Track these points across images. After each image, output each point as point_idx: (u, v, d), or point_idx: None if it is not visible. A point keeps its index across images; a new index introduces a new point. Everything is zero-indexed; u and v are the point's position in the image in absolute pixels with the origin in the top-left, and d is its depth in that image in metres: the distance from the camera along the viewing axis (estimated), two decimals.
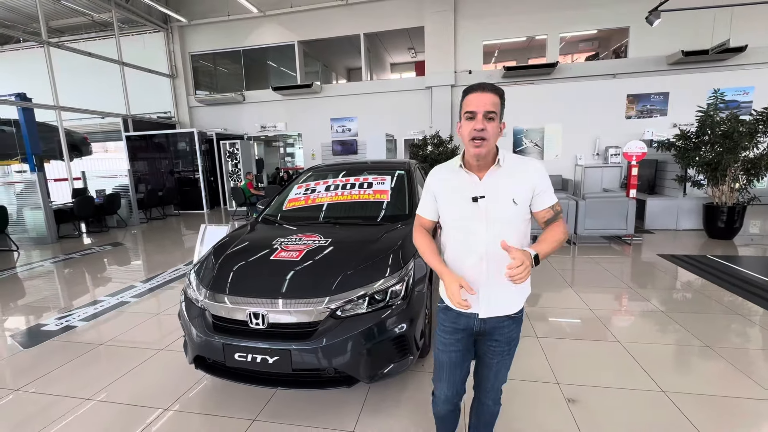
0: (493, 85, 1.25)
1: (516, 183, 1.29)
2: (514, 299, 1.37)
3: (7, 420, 2.15)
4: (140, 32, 12.78)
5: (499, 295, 1.34)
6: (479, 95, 1.22)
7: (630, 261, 4.91)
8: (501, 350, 1.41)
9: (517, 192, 1.28)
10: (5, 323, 3.55)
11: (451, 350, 1.42)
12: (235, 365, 1.95)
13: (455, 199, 1.34)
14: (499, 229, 1.28)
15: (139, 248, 6.83)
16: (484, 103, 1.21)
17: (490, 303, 1.34)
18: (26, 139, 9.01)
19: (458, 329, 1.40)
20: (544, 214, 1.32)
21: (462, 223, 1.33)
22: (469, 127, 1.22)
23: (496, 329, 1.38)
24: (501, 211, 1.28)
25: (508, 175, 1.30)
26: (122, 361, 2.71)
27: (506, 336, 1.39)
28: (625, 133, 9.03)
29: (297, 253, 2.24)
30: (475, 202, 1.29)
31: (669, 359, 2.54)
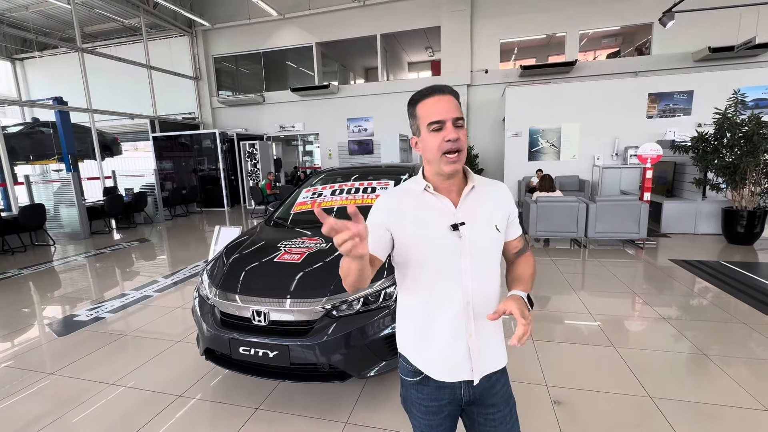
0: (448, 86, 1.02)
1: (493, 206, 1.08)
2: (502, 347, 1.12)
3: (43, 400, 2.42)
4: (167, 36, 13.34)
5: (487, 347, 1.06)
6: (439, 99, 0.99)
7: (639, 265, 4.86)
8: (502, 415, 1.10)
9: (497, 217, 1.08)
10: (43, 313, 3.90)
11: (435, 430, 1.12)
12: (240, 358, 2.14)
13: (425, 230, 1.03)
14: (484, 263, 1.04)
15: (163, 244, 7.23)
16: (449, 109, 0.98)
17: (481, 360, 1.05)
18: (62, 140, 9.64)
19: (442, 406, 1.09)
20: (516, 244, 1.15)
21: (436, 259, 1.02)
22: (439, 140, 0.97)
23: (487, 391, 1.09)
24: (486, 240, 1.04)
25: (484, 198, 1.08)
26: (143, 351, 2.97)
27: (502, 395, 1.11)
28: (645, 133, 8.80)
29: (299, 255, 2.41)
30: (455, 230, 1.01)
31: (662, 366, 2.57)
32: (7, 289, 4.67)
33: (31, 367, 2.80)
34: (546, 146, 9.63)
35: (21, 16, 12.76)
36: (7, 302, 4.25)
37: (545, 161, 9.63)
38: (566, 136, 9.46)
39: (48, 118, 10.42)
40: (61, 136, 9.70)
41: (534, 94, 9.57)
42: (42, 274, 5.31)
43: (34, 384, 2.59)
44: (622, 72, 10.11)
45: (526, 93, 9.63)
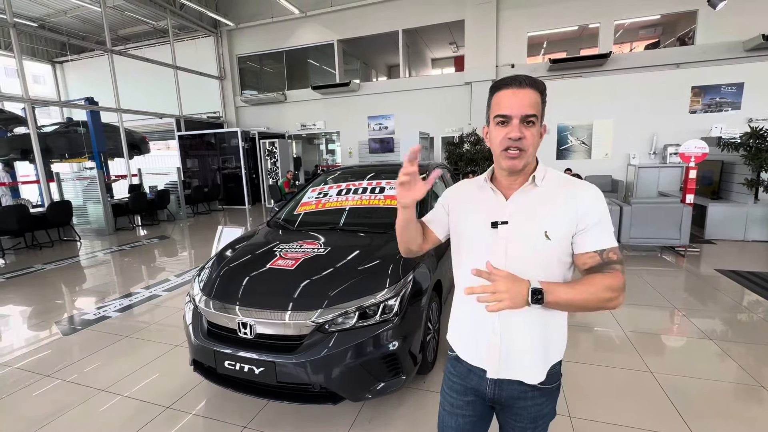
0: (532, 78, 0.95)
1: (554, 211, 0.96)
2: (535, 362, 1.01)
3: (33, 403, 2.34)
4: (193, 37, 13.61)
5: (513, 352, 1.01)
6: (514, 92, 0.93)
7: (680, 275, 4.38)
8: (522, 427, 1.07)
9: (554, 223, 0.95)
10: (53, 310, 3.91)
11: (459, 413, 1.11)
12: (225, 372, 1.97)
13: (471, 221, 1.05)
14: (521, 268, 0.93)
15: (181, 242, 7.28)
16: (521, 104, 0.92)
17: (502, 361, 1.01)
18: (93, 139, 9.98)
19: (468, 389, 1.09)
20: (585, 260, 0.95)
21: (474, 252, 1.04)
22: (502, 135, 0.94)
23: (515, 400, 1.04)
24: (526, 245, 0.97)
25: (546, 199, 0.98)
26: (139, 355, 2.87)
27: (530, 412, 1.05)
28: (688, 129, 8.12)
29: (293, 261, 2.22)
30: (494, 228, 0.99)
31: (707, 396, 2.20)
32: (27, 284, 4.77)
33: (29, 368, 2.76)
34: (575, 144, 9.08)
35: (60, 21, 13.37)
36: (23, 298, 4.33)
37: (574, 160, 9.09)
38: (598, 133, 8.88)
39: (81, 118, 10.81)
40: (92, 134, 10.05)
41: (563, 89, 9.03)
42: (62, 270, 5.41)
43: (29, 385, 2.53)
44: (662, 64, 9.37)
45: (555, 88, 9.09)
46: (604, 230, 0.95)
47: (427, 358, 2.34)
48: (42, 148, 8.97)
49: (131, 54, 11.10)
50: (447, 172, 4.44)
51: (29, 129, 8.17)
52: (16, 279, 5.01)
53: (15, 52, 7.71)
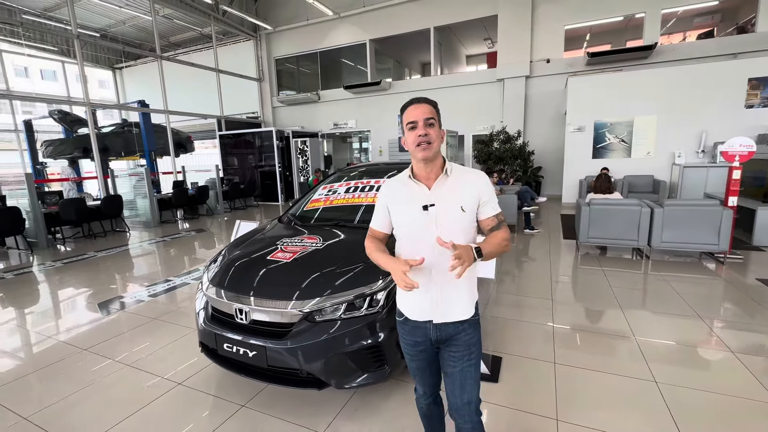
0: (425, 97, 1.37)
1: (463, 191, 1.37)
2: (464, 304, 1.41)
3: (71, 372, 2.67)
4: (235, 42, 14.36)
5: (450, 300, 1.39)
6: (416, 107, 1.34)
7: (716, 284, 4.07)
8: (461, 355, 1.41)
9: (465, 200, 1.36)
10: (99, 293, 4.36)
11: (415, 359, 1.50)
12: (225, 354, 2.14)
13: (406, 209, 1.40)
14: (448, 235, 1.31)
15: (217, 235, 7.77)
16: (423, 112, 1.32)
17: (441, 308, 1.39)
18: (144, 138, 10.84)
19: (417, 341, 1.46)
20: (489, 222, 1.39)
21: (412, 230, 1.39)
22: (414, 135, 1.32)
23: (453, 337, 1.42)
24: (450, 219, 1.35)
25: (456, 185, 1.37)
26: (163, 336, 3.16)
27: (464, 341, 1.42)
28: (742, 125, 7.46)
29: (291, 254, 2.36)
30: (425, 210, 1.35)
31: (716, 414, 2.07)
32: (80, 269, 5.34)
33: (71, 342, 3.13)
34: (614, 142, 8.61)
35: (119, 30, 14.61)
36: (75, 281, 4.86)
37: (613, 159, 8.62)
38: (639, 131, 8.36)
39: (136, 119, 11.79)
40: (143, 134, 10.94)
41: (601, 83, 8.60)
42: (111, 257, 5.99)
43: (68, 357, 2.88)
44: (716, 55, 8.64)
45: (593, 83, 8.68)
46: (494, 201, 1.40)
47: None
48: (100, 147, 9.90)
49: (178, 59, 11.92)
50: None
51: (89, 130, 9.06)
52: (72, 264, 5.62)
53: (78, 60, 8.58)
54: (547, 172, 10.49)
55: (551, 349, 2.75)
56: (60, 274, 5.15)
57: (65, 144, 11.03)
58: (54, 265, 5.62)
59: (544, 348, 2.77)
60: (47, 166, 12.51)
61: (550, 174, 10.44)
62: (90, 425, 2.13)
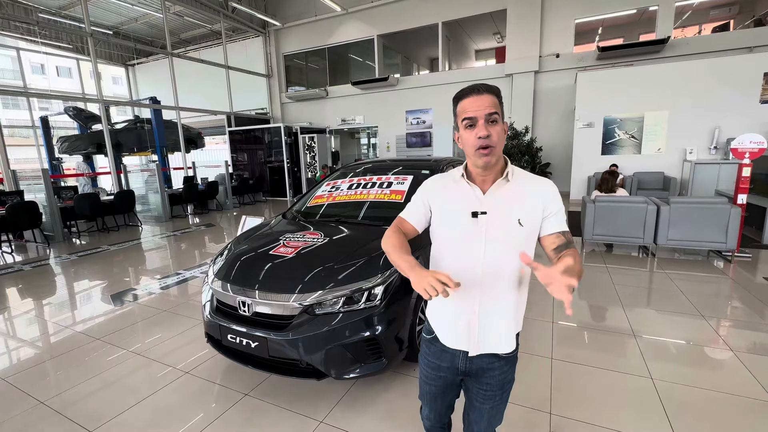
0: (487, 85, 1.11)
1: (524, 201, 1.12)
2: (507, 335, 1.18)
3: (84, 360, 2.80)
4: (244, 38, 14.46)
5: (490, 328, 1.16)
6: (475, 98, 1.07)
7: (722, 282, 4.03)
8: (492, 394, 1.23)
9: (525, 211, 1.11)
10: (112, 285, 4.52)
11: (431, 384, 1.31)
12: (229, 345, 2.23)
13: (452, 212, 1.17)
14: (499, 252, 1.11)
15: (226, 230, 7.90)
16: (484, 105, 1.05)
17: (480, 338, 1.17)
18: (155, 134, 11.05)
19: (441, 366, 1.26)
20: (553, 240, 1.12)
21: (457, 240, 1.16)
22: (472, 136, 1.07)
23: (485, 371, 1.21)
24: (503, 231, 1.11)
25: (516, 192, 1.13)
26: (172, 327, 3.28)
27: (498, 379, 1.21)
28: (758, 121, 7.30)
29: (293, 249, 2.43)
30: (474, 217, 1.12)
31: (711, 411, 2.09)
32: (94, 262, 5.52)
33: (85, 331, 3.26)
34: (624, 138, 8.50)
35: (131, 27, 14.83)
36: (89, 273, 5.03)
37: (622, 155, 8.52)
38: (650, 126, 8.23)
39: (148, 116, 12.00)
40: (155, 130, 11.14)
41: (612, 78, 8.47)
42: (123, 251, 6.17)
43: (82, 346, 3.01)
44: (731, 48, 8.44)
45: (602, 78, 8.56)
46: (563, 216, 1.14)
47: (417, 347, 2.44)
48: (114, 143, 10.14)
49: (187, 56, 12.07)
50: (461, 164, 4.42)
51: (103, 126, 9.28)
52: (86, 257, 5.81)
53: (91, 57, 8.77)
54: (556, 169, 10.40)
55: (550, 346, 2.78)
56: (75, 267, 5.33)
57: (80, 140, 11.30)
58: (69, 258, 5.81)
59: (544, 344, 2.81)
60: (63, 162, 12.85)
61: (558, 170, 10.35)
62: (103, 410, 2.24)
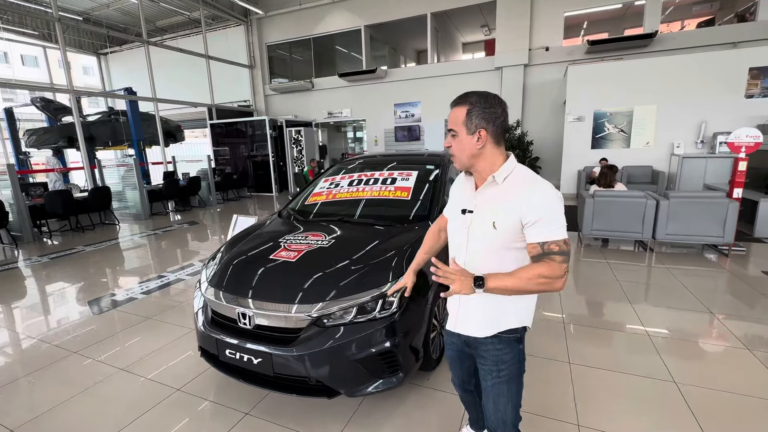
0: (461, 96, 1.20)
1: (502, 204, 1.15)
2: (479, 325, 1.29)
3: (60, 377, 2.52)
4: (224, 27, 13.86)
5: (467, 313, 1.31)
6: (451, 111, 1.21)
7: (721, 276, 4.03)
8: (489, 370, 1.31)
9: (501, 215, 1.14)
10: (88, 290, 4.18)
11: (449, 348, 1.50)
12: (227, 360, 2.01)
13: (454, 206, 1.33)
14: (477, 250, 1.21)
15: (210, 227, 7.57)
16: (451, 120, 1.20)
17: (458, 319, 1.34)
18: (132, 127, 10.48)
19: (451, 344, 1.48)
20: (530, 250, 1.11)
21: (452, 231, 1.32)
22: None
23: (479, 345, 1.32)
24: (481, 232, 1.19)
25: (499, 196, 1.17)
26: (159, 337, 3.01)
27: (492, 356, 1.29)
28: (742, 115, 7.42)
29: (296, 253, 2.21)
30: (463, 214, 1.25)
31: (740, 415, 2.01)
32: (68, 265, 5.13)
33: (61, 344, 2.96)
34: (613, 132, 8.53)
35: (103, 14, 13.99)
36: (63, 278, 4.66)
37: (612, 149, 8.56)
38: (639, 120, 8.29)
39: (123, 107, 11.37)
40: (131, 123, 10.57)
41: (601, 72, 8.47)
42: (100, 252, 5.78)
43: (58, 361, 2.72)
44: (716, 43, 8.55)
45: (592, 71, 8.55)
46: (546, 225, 1.08)
47: (431, 356, 2.28)
48: (86, 137, 9.53)
49: (166, 45, 11.48)
50: None
51: (74, 118, 8.69)
52: (59, 259, 5.40)
53: (60, 44, 8.17)
54: (545, 162, 10.41)
55: (564, 352, 2.66)
56: (47, 270, 4.94)
57: (49, 133, 10.62)
58: (41, 260, 5.39)
59: (558, 346, 2.69)
60: (30, 156, 12.07)
61: (548, 164, 10.35)
62: None
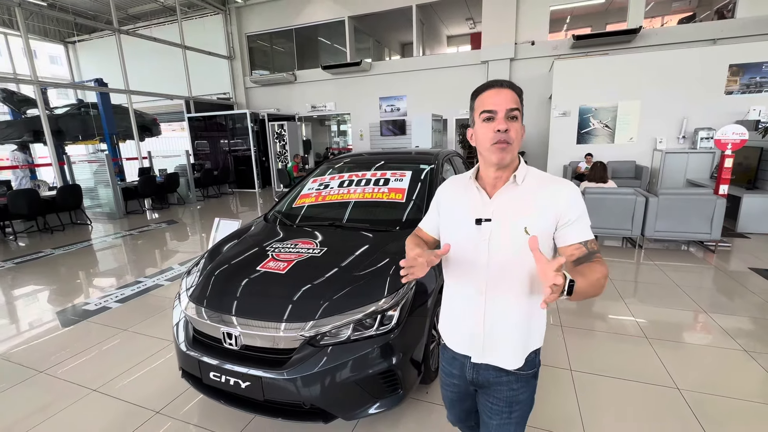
0: (510, 81, 1.04)
1: (534, 207, 1.02)
2: (515, 348, 1.09)
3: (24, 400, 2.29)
4: (202, 15, 13.27)
5: (496, 338, 1.09)
6: (497, 91, 1.01)
7: (708, 272, 4.07)
8: (499, 410, 1.15)
9: (533, 218, 1.01)
10: (56, 299, 3.89)
11: (447, 389, 1.30)
12: (211, 384, 1.84)
13: (457, 218, 1.12)
14: (503, 263, 1.03)
15: (190, 226, 7.25)
16: (506, 100, 0.99)
17: (485, 345, 1.11)
18: (103, 120, 9.94)
19: (453, 373, 1.23)
20: (572, 251, 1.00)
21: (461, 247, 1.10)
22: (490, 129, 1.00)
23: (492, 384, 1.14)
24: (507, 241, 1.03)
25: (526, 197, 1.03)
26: (135, 352, 2.79)
27: (506, 396, 1.13)
28: (722, 111, 7.55)
29: (286, 264, 2.04)
30: (478, 224, 1.06)
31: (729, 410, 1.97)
32: (35, 270, 4.78)
33: (25, 362, 2.71)
34: (598, 127, 8.58)
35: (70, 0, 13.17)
36: (29, 285, 4.33)
37: (596, 144, 8.61)
38: (623, 116, 8.34)
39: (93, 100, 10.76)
40: (102, 116, 10.01)
41: (587, 67, 8.47)
42: (70, 255, 5.42)
43: (22, 381, 2.48)
44: (697, 40, 8.68)
45: (578, 66, 8.55)
46: (585, 224, 1.02)
47: (431, 367, 2.16)
48: (54, 130, 8.99)
49: (139, 34, 10.89)
50: (459, 158, 4.18)
51: (40, 111, 8.15)
52: (25, 264, 5.03)
53: (21, 32, 7.61)
54: (531, 157, 10.43)
55: (564, 359, 2.60)
56: (11, 275, 4.59)
57: (12, 127, 9.95)
58: (4, 265, 5.01)
59: (558, 352, 2.62)
60: None
61: (533, 159, 10.38)
62: None
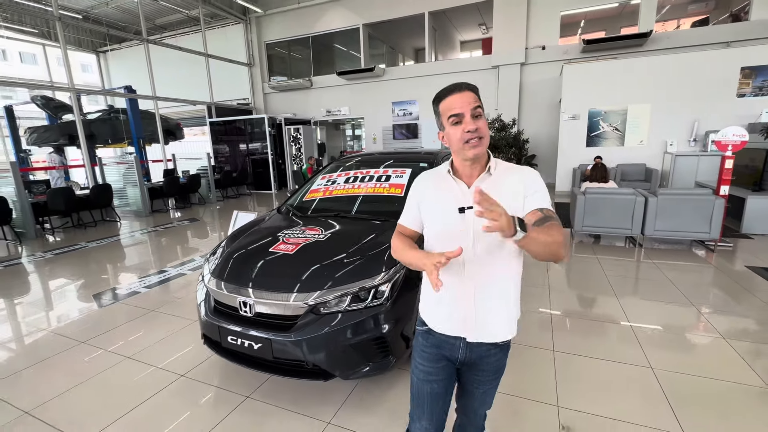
0: (467, 83, 1.16)
1: (506, 190, 1.14)
2: (503, 325, 1.22)
3: (70, 365, 2.65)
4: (224, 25, 13.93)
5: (488, 315, 1.19)
6: (459, 95, 1.12)
7: (707, 271, 4.17)
8: (487, 379, 1.29)
9: (509, 201, 1.07)
10: (92, 285, 4.30)
11: (433, 380, 1.28)
12: (229, 347, 2.14)
13: (439, 209, 1.21)
14: (487, 245, 1.14)
15: (210, 224, 7.68)
16: (468, 101, 1.12)
17: (477, 327, 1.20)
18: (132, 125, 10.57)
19: (443, 356, 1.27)
20: (530, 217, 1.10)
21: (446, 236, 1.19)
22: (459, 131, 1.12)
23: (482, 359, 1.24)
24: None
25: (499, 184, 1.16)
26: (163, 327, 3.14)
27: (493, 366, 1.26)
28: (734, 114, 7.54)
29: (294, 246, 2.34)
30: (461, 212, 1.15)
31: (711, 398, 2.14)
32: (72, 261, 5.25)
33: (69, 335, 3.09)
34: (608, 130, 8.65)
35: (102, 12, 14.04)
36: (67, 273, 4.78)
37: (606, 147, 8.67)
38: (633, 119, 8.40)
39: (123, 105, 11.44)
40: (131, 121, 10.65)
41: (597, 71, 8.57)
42: (102, 248, 5.89)
43: (66, 349, 2.85)
44: (710, 43, 8.66)
45: (588, 70, 8.65)
46: (542, 196, 1.15)
47: None
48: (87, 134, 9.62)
49: (165, 43, 11.55)
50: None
51: (75, 116, 8.79)
52: (63, 255, 5.52)
53: (60, 43, 8.25)
54: (541, 160, 10.53)
55: (549, 339, 2.80)
56: (51, 265, 5.06)
57: (50, 131, 10.71)
58: (44, 256, 5.51)
59: (541, 334, 2.83)
60: (31, 154, 12.16)
61: (543, 162, 10.47)
62: (94, 419, 2.12)
